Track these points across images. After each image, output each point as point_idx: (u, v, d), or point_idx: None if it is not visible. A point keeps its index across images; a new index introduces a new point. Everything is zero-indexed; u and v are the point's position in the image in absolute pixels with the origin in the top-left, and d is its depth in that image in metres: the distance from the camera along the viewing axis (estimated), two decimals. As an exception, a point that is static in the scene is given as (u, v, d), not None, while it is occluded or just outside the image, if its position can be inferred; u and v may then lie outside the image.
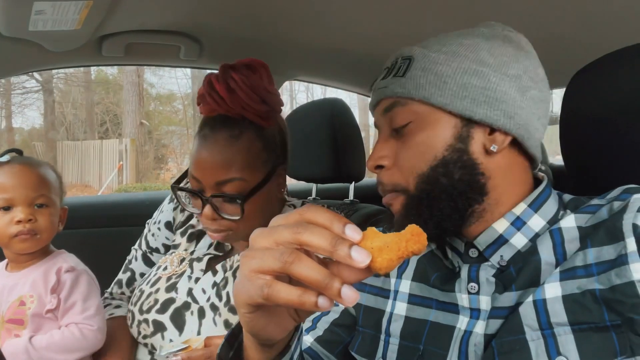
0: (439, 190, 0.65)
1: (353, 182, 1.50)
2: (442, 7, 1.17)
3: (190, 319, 0.97)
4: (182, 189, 0.99)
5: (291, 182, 1.56)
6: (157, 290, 1.03)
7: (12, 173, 1.02)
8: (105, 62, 1.45)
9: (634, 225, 0.55)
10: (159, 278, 1.06)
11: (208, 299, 0.99)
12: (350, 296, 0.41)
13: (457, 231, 0.68)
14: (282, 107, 1.03)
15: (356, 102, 12.74)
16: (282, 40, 1.46)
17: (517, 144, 0.67)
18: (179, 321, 0.98)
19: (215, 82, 0.95)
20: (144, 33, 1.31)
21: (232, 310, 0.95)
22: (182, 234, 1.14)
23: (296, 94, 15.02)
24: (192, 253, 1.10)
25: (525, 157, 0.69)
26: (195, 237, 1.13)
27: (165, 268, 1.08)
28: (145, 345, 1.03)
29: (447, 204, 0.65)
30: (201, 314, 0.97)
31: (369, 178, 1.92)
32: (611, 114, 0.77)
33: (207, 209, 0.94)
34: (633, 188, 0.62)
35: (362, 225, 0.45)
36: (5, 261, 1.10)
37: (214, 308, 0.97)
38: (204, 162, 0.94)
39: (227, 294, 0.98)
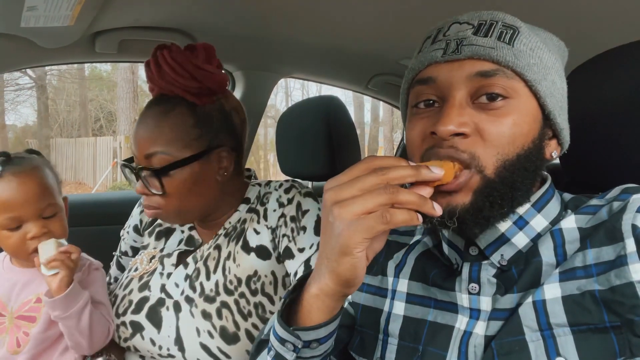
0: (515, 182, 0.60)
1: (349, 180, 1.50)
2: (439, 6, 1.16)
3: (166, 314, 0.96)
4: (124, 163, 1.00)
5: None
6: (130, 292, 1.03)
7: (12, 188, 0.96)
8: (99, 59, 1.44)
9: (633, 226, 0.55)
10: (131, 280, 1.06)
11: (182, 292, 0.98)
12: (438, 207, 0.53)
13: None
14: (223, 87, 1.02)
15: (351, 100, 12.75)
16: (278, 37, 1.45)
17: None
18: (155, 319, 0.97)
19: (149, 60, 0.98)
20: (137, 30, 1.30)
21: (208, 299, 0.95)
22: (150, 234, 1.15)
23: (292, 91, 15.02)
24: (161, 250, 1.09)
25: None
26: (164, 234, 1.13)
27: (136, 269, 1.07)
28: (129, 348, 1.02)
29: (521, 194, 0.62)
30: (177, 308, 0.96)
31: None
32: (607, 112, 0.77)
33: (139, 182, 0.96)
34: (632, 188, 0.61)
35: None
36: (5, 254, 1.07)
37: (189, 300, 0.96)
38: (135, 136, 0.97)
39: (201, 284, 0.97)
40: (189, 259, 1.03)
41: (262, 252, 0.99)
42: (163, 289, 1.00)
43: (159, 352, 0.96)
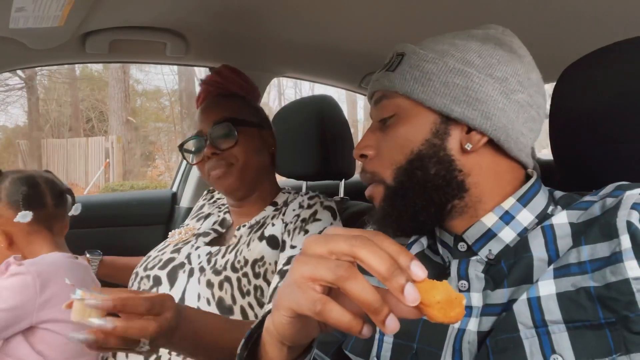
0: (413, 182, 0.68)
1: (343, 180, 1.50)
2: (431, 6, 1.16)
3: (182, 276, 1.09)
4: (185, 143, 1.19)
5: (280, 180, 1.55)
6: (163, 253, 1.17)
7: None
8: (90, 60, 1.43)
9: (628, 223, 0.55)
10: (167, 245, 1.20)
11: (199, 263, 1.11)
12: (392, 326, 0.41)
13: (437, 224, 0.71)
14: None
15: (344, 97, 12.75)
16: (270, 36, 1.45)
17: (497, 145, 0.67)
18: (172, 277, 1.10)
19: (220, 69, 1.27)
20: (128, 30, 1.29)
21: (216, 272, 1.06)
22: (192, 218, 1.34)
23: (284, 90, 15.00)
24: (198, 229, 1.25)
25: (511, 157, 0.69)
26: (203, 218, 1.29)
27: (174, 237, 1.24)
28: None
29: (420, 196, 0.67)
30: (190, 273, 1.09)
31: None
32: (600, 109, 0.77)
33: (208, 147, 1.13)
34: (625, 185, 0.61)
35: (353, 222, 0.44)
36: None
37: (201, 270, 1.08)
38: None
39: (215, 260, 1.10)
40: (217, 244, 1.17)
41: (272, 241, 1.10)
42: (188, 256, 1.14)
43: None
